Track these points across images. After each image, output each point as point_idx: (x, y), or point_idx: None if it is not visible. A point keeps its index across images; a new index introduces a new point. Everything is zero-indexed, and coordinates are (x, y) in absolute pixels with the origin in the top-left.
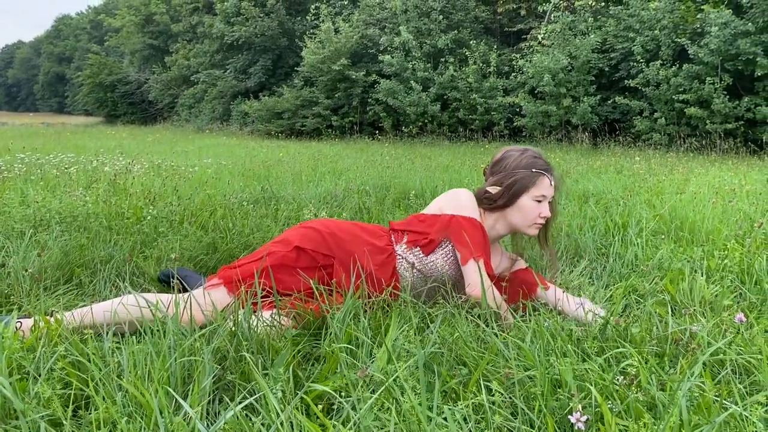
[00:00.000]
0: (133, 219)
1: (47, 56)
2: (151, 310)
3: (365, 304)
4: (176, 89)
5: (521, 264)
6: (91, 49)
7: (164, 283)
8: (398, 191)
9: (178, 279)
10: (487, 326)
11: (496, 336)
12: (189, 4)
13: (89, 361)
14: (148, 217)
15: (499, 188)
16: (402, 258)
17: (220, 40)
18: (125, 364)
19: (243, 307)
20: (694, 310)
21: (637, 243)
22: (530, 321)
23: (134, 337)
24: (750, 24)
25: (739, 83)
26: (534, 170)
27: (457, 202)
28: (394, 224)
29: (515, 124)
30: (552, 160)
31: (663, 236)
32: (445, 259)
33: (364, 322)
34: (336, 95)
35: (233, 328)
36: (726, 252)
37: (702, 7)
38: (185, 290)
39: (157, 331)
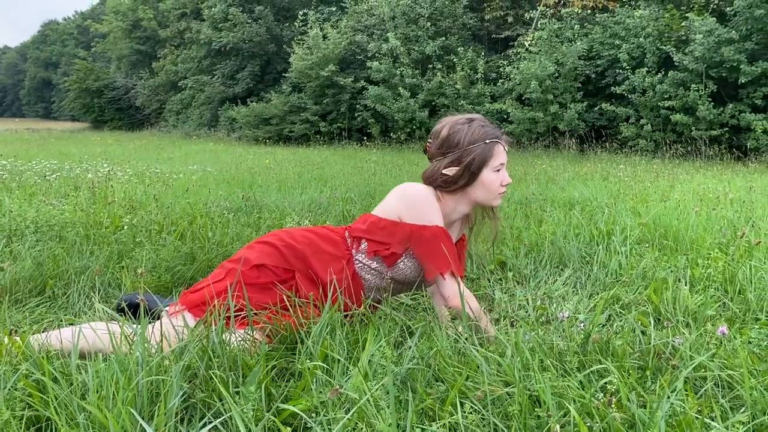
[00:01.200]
0: (111, 228)
1: (33, 61)
2: (113, 344)
3: (339, 318)
4: (164, 95)
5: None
6: (78, 55)
7: (122, 312)
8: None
9: (142, 302)
10: (467, 340)
11: (476, 350)
12: (177, 10)
13: (54, 381)
14: (125, 227)
15: (457, 168)
16: (363, 264)
17: (208, 46)
18: (90, 383)
19: (215, 325)
20: (677, 321)
21: (621, 251)
22: (510, 333)
23: (101, 354)
24: (734, 32)
25: (724, 90)
26: (488, 141)
27: (415, 210)
28: (352, 229)
29: (503, 130)
30: (539, 166)
31: (647, 244)
32: (410, 265)
33: (340, 337)
34: (324, 101)
35: (204, 344)
36: (709, 261)
37: (686, 15)
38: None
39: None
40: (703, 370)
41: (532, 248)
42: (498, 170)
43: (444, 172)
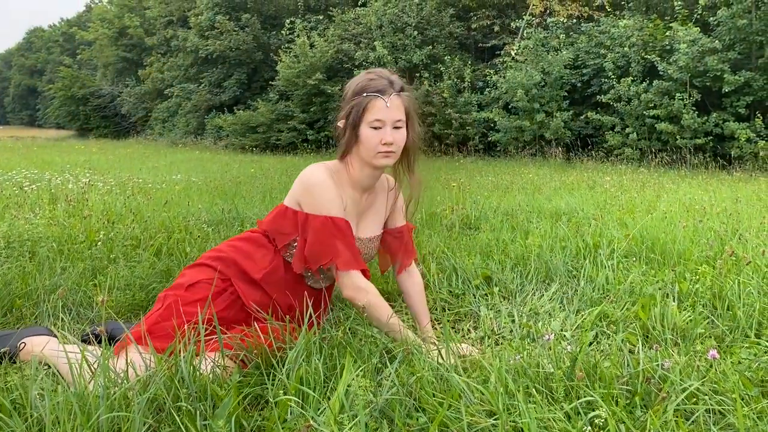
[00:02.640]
0: (87, 243)
1: (18, 69)
2: (72, 376)
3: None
4: (150, 103)
5: (399, 203)
6: (64, 62)
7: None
8: None
9: (102, 333)
10: (449, 365)
11: (459, 377)
12: (163, 18)
13: (9, 416)
14: (98, 243)
15: (342, 123)
16: (289, 254)
17: (195, 54)
18: (46, 420)
19: (183, 352)
20: (666, 339)
21: (608, 265)
22: (494, 357)
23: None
24: (717, 42)
25: (708, 99)
26: (366, 94)
27: (308, 196)
28: (260, 223)
29: (490, 138)
30: (526, 175)
31: (634, 258)
32: None
33: (316, 363)
34: (311, 109)
35: (172, 372)
36: (697, 276)
37: (670, 25)
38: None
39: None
40: (695, 399)
41: (519, 262)
42: (376, 127)
43: (338, 125)
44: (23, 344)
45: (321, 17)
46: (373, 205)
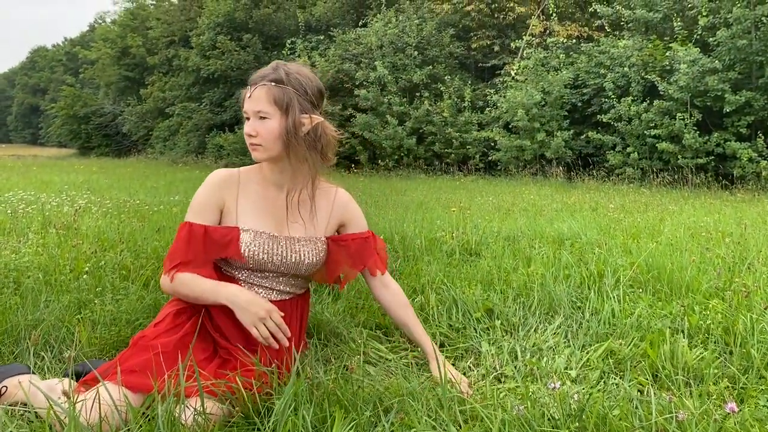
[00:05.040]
0: (74, 273)
1: (21, 87)
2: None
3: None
4: (151, 122)
5: (352, 215)
6: (66, 81)
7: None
8: None
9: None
10: (448, 416)
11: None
12: (165, 38)
13: None
14: (84, 276)
15: None
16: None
17: (196, 74)
18: None
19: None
20: (678, 380)
21: (614, 296)
22: (495, 401)
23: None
24: (717, 62)
25: (709, 119)
26: (247, 87)
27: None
28: None
29: (490, 158)
30: (527, 195)
31: (640, 289)
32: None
33: (303, 414)
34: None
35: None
36: (708, 310)
37: (670, 45)
38: None
39: None
40: None
41: (521, 292)
42: (246, 119)
43: None
44: (4, 388)
45: (322, 37)
46: (305, 206)
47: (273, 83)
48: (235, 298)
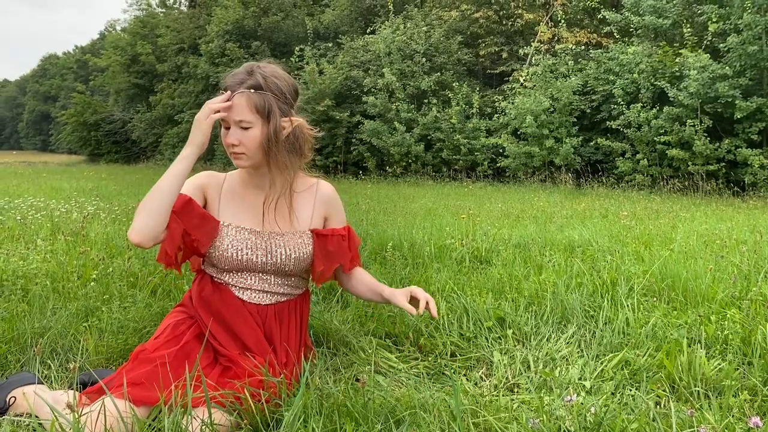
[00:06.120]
0: (81, 281)
1: (33, 95)
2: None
3: None
4: (160, 128)
5: (335, 210)
6: (77, 89)
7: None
8: (376, 242)
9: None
10: (461, 426)
11: None
12: (174, 45)
13: None
14: (92, 283)
15: None
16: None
17: (205, 81)
18: None
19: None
20: (698, 392)
21: (628, 305)
22: (510, 415)
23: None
24: (727, 68)
25: (719, 125)
26: (220, 91)
27: None
28: None
29: (498, 164)
30: (536, 202)
31: (654, 297)
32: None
33: (314, 428)
34: (320, 135)
35: None
36: (725, 320)
37: (680, 51)
38: None
39: None
40: None
41: (533, 300)
42: (226, 127)
43: None
44: (13, 399)
45: (330, 45)
46: (286, 202)
47: (252, 90)
48: (190, 138)
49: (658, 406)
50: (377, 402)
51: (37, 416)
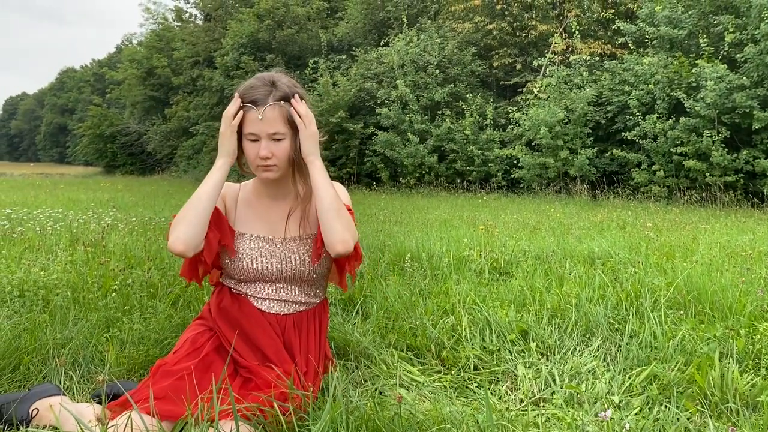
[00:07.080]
0: (102, 291)
1: (50, 107)
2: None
3: None
4: (175, 140)
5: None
6: (93, 101)
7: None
8: (393, 253)
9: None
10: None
11: None
12: (190, 58)
13: None
14: (113, 294)
15: None
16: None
17: (220, 93)
18: None
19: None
20: (734, 408)
21: (654, 318)
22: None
23: None
24: (745, 78)
25: (737, 136)
26: (243, 104)
27: None
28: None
29: (513, 175)
30: (552, 213)
31: (681, 311)
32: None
33: None
34: (334, 147)
35: None
36: (756, 333)
37: (696, 62)
38: None
39: None
40: None
41: (556, 313)
42: (252, 140)
43: None
44: (36, 410)
45: (344, 57)
46: (298, 209)
47: (282, 102)
48: (219, 150)
49: (691, 422)
50: (404, 416)
51: (62, 430)
